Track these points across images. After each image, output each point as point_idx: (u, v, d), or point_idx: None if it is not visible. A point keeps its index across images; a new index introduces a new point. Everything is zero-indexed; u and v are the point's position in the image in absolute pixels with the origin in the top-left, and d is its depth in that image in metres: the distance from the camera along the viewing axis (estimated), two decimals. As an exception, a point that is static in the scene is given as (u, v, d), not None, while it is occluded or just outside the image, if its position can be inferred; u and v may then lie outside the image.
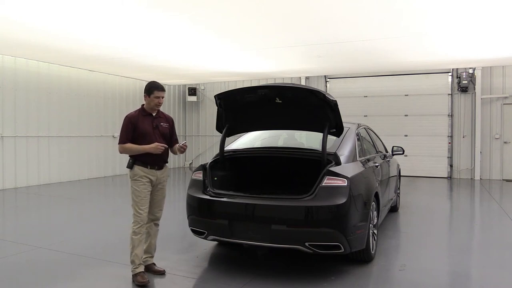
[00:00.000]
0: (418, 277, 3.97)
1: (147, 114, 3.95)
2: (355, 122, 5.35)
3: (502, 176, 11.75)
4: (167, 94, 15.07)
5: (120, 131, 3.92)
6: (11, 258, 4.56)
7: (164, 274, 3.95)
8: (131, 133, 3.83)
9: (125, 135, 3.84)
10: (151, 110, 3.97)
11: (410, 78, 12.64)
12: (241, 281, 3.81)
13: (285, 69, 12.00)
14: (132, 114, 3.94)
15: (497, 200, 8.63)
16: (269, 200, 3.92)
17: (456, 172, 12.23)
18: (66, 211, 7.47)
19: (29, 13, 6.36)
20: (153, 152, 3.80)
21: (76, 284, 3.84)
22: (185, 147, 4.00)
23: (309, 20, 6.99)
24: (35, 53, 9.44)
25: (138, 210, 3.80)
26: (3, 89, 9.75)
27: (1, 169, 9.69)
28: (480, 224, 6.84)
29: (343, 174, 3.82)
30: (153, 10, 6.34)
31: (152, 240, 4.03)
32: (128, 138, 3.83)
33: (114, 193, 10.08)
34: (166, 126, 4.03)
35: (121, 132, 3.88)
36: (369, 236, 4.20)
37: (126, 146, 3.83)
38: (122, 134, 3.86)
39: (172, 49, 9.09)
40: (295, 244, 3.75)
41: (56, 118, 10.92)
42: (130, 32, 7.65)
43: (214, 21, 7.06)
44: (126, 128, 3.85)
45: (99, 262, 4.40)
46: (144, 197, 3.83)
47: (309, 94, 4.04)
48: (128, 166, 3.89)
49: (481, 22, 6.98)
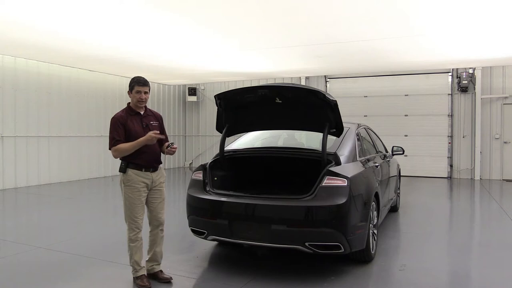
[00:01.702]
0: (418, 277, 3.97)
1: (135, 113, 3.70)
2: (355, 122, 5.35)
3: (502, 176, 11.75)
4: (167, 94, 15.11)
5: (109, 135, 3.60)
6: (11, 258, 4.55)
7: (171, 282, 3.78)
8: (122, 134, 3.56)
9: (117, 137, 3.55)
10: (137, 108, 3.71)
11: (410, 78, 12.64)
12: (241, 281, 3.81)
13: (285, 69, 12.00)
14: (119, 114, 3.66)
15: (497, 200, 8.63)
16: (269, 200, 3.92)
17: (456, 172, 12.23)
18: (66, 211, 7.46)
19: (29, 13, 6.36)
20: (149, 143, 3.55)
21: (76, 284, 3.84)
22: (174, 149, 3.72)
23: (309, 20, 7.00)
24: (35, 53, 9.44)
25: (133, 218, 3.64)
26: (3, 89, 9.75)
27: (1, 169, 9.69)
28: (480, 224, 6.84)
29: (343, 174, 3.82)
30: (154, 10, 6.34)
31: (157, 248, 3.84)
32: (120, 139, 3.55)
33: (114, 193, 10.06)
34: (156, 124, 3.80)
35: (110, 135, 3.57)
36: (369, 236, 4.19)
37: (119, 147, 3.54)
38: (112, 136, 3.56)
39: (172, 49, 9.09)
40: (295, 244, 3.74)
41: (56, 118, 10.92)
42: (130, 32, 7.65)
43: (215, 21, 7.06)
44: (116, 129, 3.57)
45: (99, 262, 4.40)
46: (139, 204, 3.63)
47: (309, 94, 4.04)
48: (121, 169, 3.63)
49: (481, 22, 6.99)
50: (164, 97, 14.98)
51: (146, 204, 3.77)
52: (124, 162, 3.64)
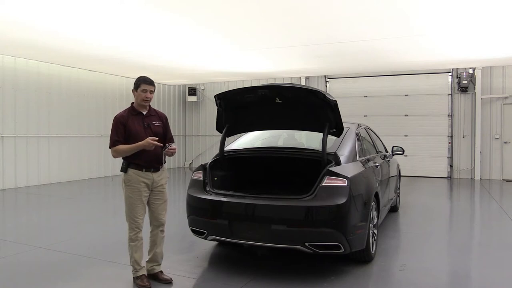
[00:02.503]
0: (418, 277, 3.97)
1: (137, 113, 3.71)
2: (355, 122, 5.35)
3: (502, 176, 11.75)
4: (167, 94, 15.11)
5: (110, 134, 3.64)
6: (11, 258, 4.55)
7: (171, 283, 3.77)
8: (122, 134, 3.59)
9: (116, 137, 3.58)
10: (140, 108, 3.72)
11: (410, 78, 12.64)
12: (241, 281, 3.81)
13: (285, 69, 12.00)
14: (121, 114, 3.68)
15: (497, 200, 8.63)
16: (269, 200, 3.92)
17: (456, 172, 12.23)
18: (66, 211, 7.46)
19: (29, 13, 6.36)
20: (146, 148, 3.55)
21: (76, 284, 3.84)
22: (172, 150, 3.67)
23: (309, 20, 7.00)
24: (35, 53, 9.44)
25: (133, 217, 3.65)
26: (3, 89, 9.75)
27: (1, 169, 9.69)
28: (480, 224, 6.84)
29: (343, 174, 3.82)
30: (154, 10, 6.34)
31: (158, 249, 3.83)
32: (120, 139, 3.58)
33: (114, 193, 10.06)
34: (159, 124, 3.78)
35: (111, 135, 3.61)
36: (369, 236, 4.19)
37: (118, 148, 3.58)
38: (112, 136, 3.60)
39: (172, 49, 9.09)
40: (295, 244, 3.74)
41: (56, 118, 10.92)
42: (130, 32, 7.65)
43: (215, 22, 7.06)
44: (116, 129, 3.60)
45: (99, 262, 4.40)
46: (139, 204, 3.65)
47: (309, 94, 4.04)
48: (122, 169, 3.66)
49: (481, 22, 6.99)
50: (164, 97, 14.98)
51: (147, 204, 3.77)
52: (126, 162, 3.66)
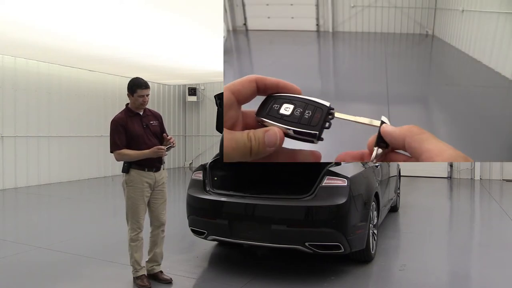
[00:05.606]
0: (418, 277, 3.98)
1: (134, 114, 3.68)
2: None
3: (502, 176, 11.74)
4: (167, 94, 15.11)
5: (110, 137, 3.60)
6: (11, 258, 4.55)
7: (171, 283, 3.77)
8: (124, 137, 3.57)
9: (118, 140, 3.55)
10: (137, 109, 3.70)
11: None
12: (241, 281, 3.80)
13: (285, 69, 11.99)
14: (118, 116, 3.65)
15: (497, 200, 8.63)
16: (269, 200, 3.92)
17: (456, 172, 12.23)
18: (66, 211, 7.47)
19: (29, 13, 6.36)
20: (154, 156, 3.57)
21: (76, 284, 3.84)
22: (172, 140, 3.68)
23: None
24: (35, 53, 9.44)
25: (135, 218, 3.65)
26: (3, 89, 9.75)
27: (1, 169, 9.69)
28: (480, 224, 6.84)
29: (343, 174, 3.82)
30: (154, 10, 6.34)
31: (158, 249, 3.83)
32: (122, 142, 3.56)
33: (114, 193, 10.06)
34: (156, 124, 3.79)
35: (112, 138, 3.57)
36: (369, 236, 4.19)
37: (123, 152, 3.55)
38: (114, 139, 3.56)
39: (172, 49, 9.09)
40: (295, 244, 3.74)
41: (56, 118, 10.91)
42: (130, 32, 7.65)
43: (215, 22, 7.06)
44: (117, 132, 3.57)
45: (99, 262, 4.40)
46: (141, 204, 3.65)
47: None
48: (124, 170, 3.66)
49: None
50: (164, 97, 14.97)
51: (148, 204, 3.77)
52: (127, 162, 3.66)
